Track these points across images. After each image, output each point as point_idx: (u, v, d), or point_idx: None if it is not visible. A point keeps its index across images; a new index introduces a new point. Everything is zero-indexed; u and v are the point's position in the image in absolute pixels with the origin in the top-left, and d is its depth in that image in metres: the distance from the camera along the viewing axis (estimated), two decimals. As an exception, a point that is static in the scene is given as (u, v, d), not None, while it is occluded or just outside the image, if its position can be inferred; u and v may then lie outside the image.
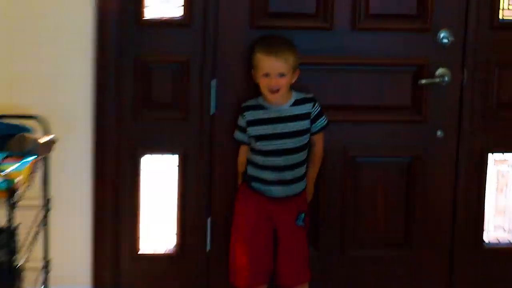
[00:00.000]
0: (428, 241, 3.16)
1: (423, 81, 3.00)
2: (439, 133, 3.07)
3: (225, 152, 3.01)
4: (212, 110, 3.00)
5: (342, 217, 3.12)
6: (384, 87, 3.05)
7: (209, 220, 3.07)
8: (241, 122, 2.88)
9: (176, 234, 3.10)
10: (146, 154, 3.02)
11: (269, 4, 2.95)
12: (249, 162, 2.89)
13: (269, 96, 2.79)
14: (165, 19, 2.92)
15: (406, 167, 3.11)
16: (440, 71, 3.02)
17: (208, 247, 3.08)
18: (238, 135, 2.91)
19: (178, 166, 3.05)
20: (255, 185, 2.87)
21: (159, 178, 3.06)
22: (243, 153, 2.94)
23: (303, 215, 2.89)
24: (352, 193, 3.11)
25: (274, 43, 2.80)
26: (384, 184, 3.11)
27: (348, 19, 2.98)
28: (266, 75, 2.76)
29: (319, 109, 2.86)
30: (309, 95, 2.88)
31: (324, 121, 2.88)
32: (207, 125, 3.00)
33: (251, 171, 2.89)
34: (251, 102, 2.88)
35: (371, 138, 3.08)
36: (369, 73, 3.04)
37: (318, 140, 2.92)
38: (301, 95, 2.86)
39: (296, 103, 2.85)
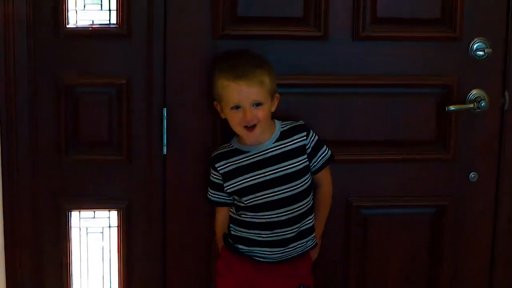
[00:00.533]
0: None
1: (452, 108, 2.77)
2: (472, 175, 2.85)
3: (186, 204, 2.73)
4: (164, 149, 2.71)
5: (343, 289, 2.94)
6: (399, 115, 2.81)
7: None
8: (215, 177, 2.58)
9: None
10: (73, 210, 2.70)
11: (238, 4, 2.66)
12: (233, 220, 2.60)
13: (245, 135, 2.50)
14: (95, 28, 2.62)
15: (429, 222, 2.88)
16: (474, 93, 2.78)
17: None
18: (213, 196, 2.60)
19: (119, 225, 2.72)
20: (241, 247, 2.57)
21: (94, 242, 2.76)
22: (222, 215, 2.64)
23: None
24: (356, 256, 2.86)
25: (241, 62, 2.52)
26: (400, 245, 2.87)
27: (349, 24, 2.72)
28: (237, 107, 2.48)
29: (316, 139, 2.59)
30: (298, 123, 2.61)
31: (327, 153, 2.60)
32: (157, 169, 2.71)
33: (236, 231, 2.58)
34: (222, 149, 2.59)
35: (381, 184, 2.84)
36: (378, 98, 2.79)
37: (324, 178, 2.64)
38: (287, 125, 2.60)
39: (283, 136, 2.56)
